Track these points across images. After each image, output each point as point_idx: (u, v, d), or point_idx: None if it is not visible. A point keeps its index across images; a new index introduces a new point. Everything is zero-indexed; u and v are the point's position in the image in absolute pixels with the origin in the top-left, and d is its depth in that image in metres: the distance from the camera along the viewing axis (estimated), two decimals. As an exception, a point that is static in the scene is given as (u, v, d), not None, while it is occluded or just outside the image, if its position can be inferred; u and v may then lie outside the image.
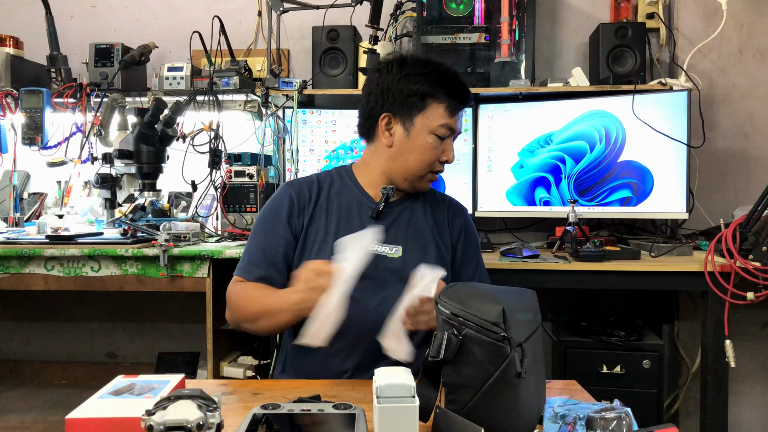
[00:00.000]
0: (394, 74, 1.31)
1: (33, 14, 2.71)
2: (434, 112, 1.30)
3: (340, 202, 1.35)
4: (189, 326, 2.79)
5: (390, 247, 1.31)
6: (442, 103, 1.30)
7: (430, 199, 1.42)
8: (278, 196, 1.36)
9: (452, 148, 1.34)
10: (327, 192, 1.36)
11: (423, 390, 0.84)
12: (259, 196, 2.26)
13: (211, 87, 2.29)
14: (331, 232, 1.30)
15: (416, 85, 1.29)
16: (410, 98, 1.29)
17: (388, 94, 1.31)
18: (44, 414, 2.55)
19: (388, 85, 1.31)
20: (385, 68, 1.33)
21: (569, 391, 1.03)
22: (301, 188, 1.36)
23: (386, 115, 1.32)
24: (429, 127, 1.30)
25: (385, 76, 1.32)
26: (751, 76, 2.50)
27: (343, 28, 2.41)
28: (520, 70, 2.33)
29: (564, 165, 2.29)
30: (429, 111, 1.30)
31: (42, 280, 1.99)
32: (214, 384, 1.11)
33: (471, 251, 1.43)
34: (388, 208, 1.35)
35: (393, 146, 1.33)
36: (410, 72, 1.30)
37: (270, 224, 1.33)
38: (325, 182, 1.38)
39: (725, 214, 2.31)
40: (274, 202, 1.36)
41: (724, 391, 1.91)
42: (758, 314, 2.47)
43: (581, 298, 2.55)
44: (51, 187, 2.62)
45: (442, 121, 1.30)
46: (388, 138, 1.33)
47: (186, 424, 0.66)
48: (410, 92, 1.29)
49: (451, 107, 1.30)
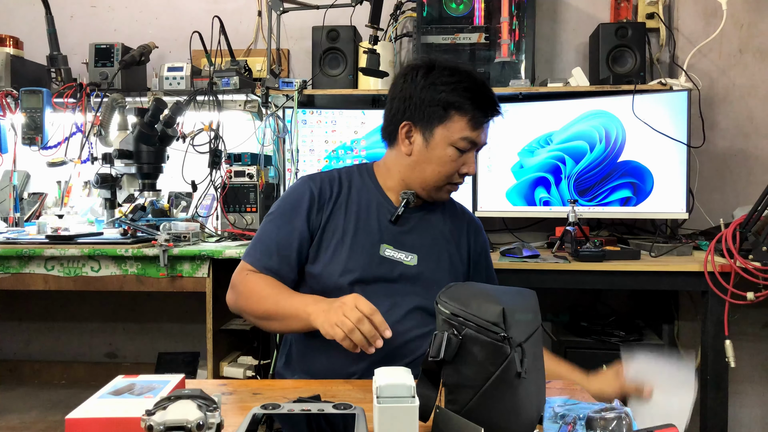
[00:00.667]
0: (419, 81, 1.27)
1: (33, 14, 2.71)
2: (456, 124, 1.26)
3: (360, 201, 1.33)
4: (189, 326, 2.79)
5: (406, 254, 1.30)
6: (465, 116, 1.26)
7: (449, 210, 1.42)
8: (299, 188, 1.33)
9: (474, 161, 1.31)
10: (348, 189, 1.34)
11: (423, 390, 0.83)
12: (259, 196, 2.26)
13: (211, 87, 2.29)
14: (349, 231, 1.29)
15: (440, 94, 1.25)
16: (432, 108, 1.26)
17: (411, 102, 1.28)
18: (44, 414, 2.55)
19: (411, 92, 1.28)
20: (411, 74, 1.29)
21: (569, 391, 1.03)
22: (323, 183, 1.33)
23: (407, 123, 1.29)
24: (449, 139, 1.27)
25: (409, 82, 1.28)
26: (751, 76, 2.50)
27: (343, 28, 2.41)
28: (520, 70, 2.33)
29: (564, 165, 2.29)
30: (451, 123, 1.26)
31: (42, 280, 1.99)
32: (214, 384, 1.11)
33: (484, 265, 1.45)
34: (407, 214, 1.33)
35: (412, 155, 1.30)
36: (435, 81, 1.26)
37: (288, 216, 1.30)
38: (346, 179, 1.36)
39: (725, 214, 2.31)
40: (294, 194, 1.33)
41: (724, 391, 1.90)
42: (758, 314, 2.47)
43: (581, 298, 2.55)
44: (51, 187, 2.62)
45: (464, 134, 1.26)
46: (407, 146, 1.31)
47: (186, 424, 0.66)
48: (432, 102, 1.26)
49: (474, 120, 1.26)
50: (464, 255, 1.39)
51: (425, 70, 1.28)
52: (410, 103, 1.28)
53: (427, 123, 1.27)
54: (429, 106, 1.26)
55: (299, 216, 1.29)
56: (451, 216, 1.41)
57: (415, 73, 1.29)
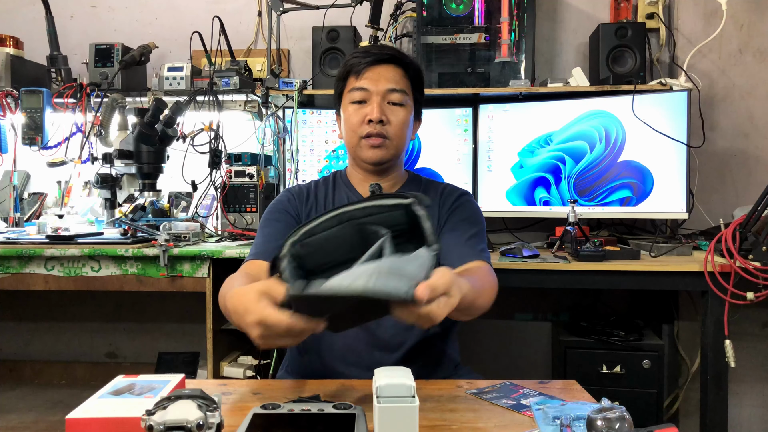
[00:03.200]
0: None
1: (33, 14, 2.72)
2: (348, 85, 1.34)
3: (335, 204, 1.36)
4: (189, 326, 2.79)
5: None
6: (352, 72, 1.32)
7: (426, 193, 1.38)
8: (279, 198, 1.39)
9: (377, 106, 1.29)
10: (324, 195, 1.38)
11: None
12: (259, 196, 2.26)
13: (211, 87, 2.30)
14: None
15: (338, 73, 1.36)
16: (338, 88, 1.36)
17: (335, 97, 1.39)
18: (44, 414, 2.55)
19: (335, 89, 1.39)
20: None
21: (569, 391, 1.03)
22: (300, 190, 1.39)
23: (337, 115, 1.40)
24: (347, 99, 1.33)
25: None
26: (751, 76, 2.51)
27: (343, 28, 2.41)
28: (520, 70, 2.33)
29: (564, 165, 2.29)
30: (346, 86, 1.34)
31: (42, 280, 1.99)
32: (214, 384, 1.11)
33: (455, 222, 1.32)
34: None
35: (342, 136, 1.39)
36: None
37: (274, 219, 1.33)
38: (322, 186, 1.40)
39: (725, 214, 2.31)
40: (275, 203, 1.38)
41: (724, 391, 1.91)
42: (758, 314, 2.47)
43: (581, 298, 2.55)
44: (51, 187, 2.63)
45: (351, 86, 1.32)
46: (339, 133, 1.40)
47: (186, 424, 0.66)
48: (336, 83, 1.37)
49: (356, 70, 1.32)
50: (439, 227, 1.33)
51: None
52: (335, 98, 1.40)
53: (338, 101, 1.38)
54: (336, 89, 1.38)
55: (284, 213, 1.34)
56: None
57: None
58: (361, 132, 1.31)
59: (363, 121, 1.30)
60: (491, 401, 0.97)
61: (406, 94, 1.33)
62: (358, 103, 1.31)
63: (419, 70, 1.37)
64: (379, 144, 1.30)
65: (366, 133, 1.30)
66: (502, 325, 2.65)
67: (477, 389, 1.04)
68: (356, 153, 1.34)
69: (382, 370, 0.81)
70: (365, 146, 1.32)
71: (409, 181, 1.41)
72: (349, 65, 1.33)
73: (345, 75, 1.34)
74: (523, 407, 0.94)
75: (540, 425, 0.85)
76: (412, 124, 1.39)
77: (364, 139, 1.31)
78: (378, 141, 1.30)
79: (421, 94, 1.39)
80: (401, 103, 1.32)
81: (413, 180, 1.42)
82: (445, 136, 2.38)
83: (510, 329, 2.65)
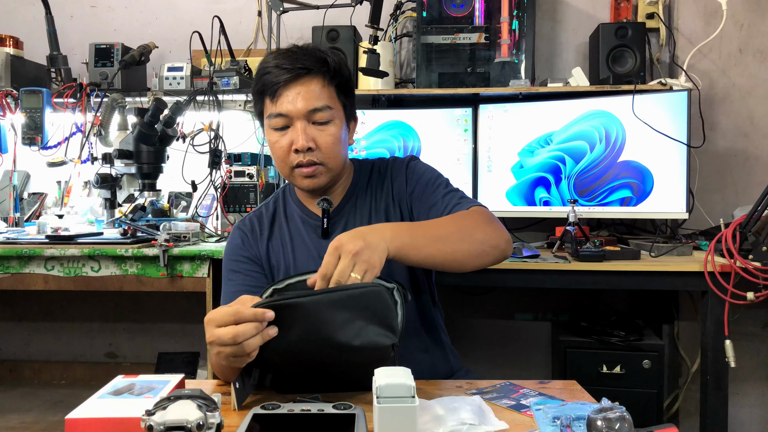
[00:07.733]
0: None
1: (33, 14, 2.72)
2: (266, 109, 1.19)
3: (289, 226, 1.29)
4: (189, 326, 2.79)
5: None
6: (266, 93, 1.18)
7: (374, 182, 1.30)
8: (231, 241, 1.30)
9: (301, 133, 1.15)
10: (274, 220, 1.31)
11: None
12: (259, 196, 2.26)
13: (211, 87, 2.30)
14: (289, 259, 1.26)
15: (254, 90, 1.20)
16: (255, 105, 1.23)
17: (256, 114, 1.25)
18: (44, 414, 2.55)
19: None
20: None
21: (569, 391, 1.03)
22: (252, 224, 1.30)
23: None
24: (267, 124, 1.20)
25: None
26: (751, 76, 2.50)
27: (343, 28, 2.41)
28: (520, 70, 2.33)
29: (564, 165, 2.29)
30: (264, 109, 1.20)
31: (42, 280, 1.99)
32: (214, 384, 1.11)
33: (420, 192, 1.26)
34: (335, 218, 1.26)
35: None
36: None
37: (234, 267, 1.26)
38: (271, 210, 1.32)
39: (725, 214, 2.31)
40: (229, 248, 1.30)
41: (724, 391, 1.90)
42: (758, 314, 2.47)
43: (581, 298, 2.55)
44: (51, 187, 2.62)
45: (269, 112, 1.18)
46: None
47: (186, 424, 0.66)
48: (253, 98, 1.23)
49: (271, 92, 1.16)
50: (400, 208, 1.28)
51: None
52: (256, 115, 1.26)
53: (260, 119, 1.24)
54: (255, 106, 1.24)
55: (242, 263, 1.26)
56: (376, 185, 1.30)
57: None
58: (291, 162, 1.19)
59: (290, 150, 1.18)
60: (491, 401, 0.97)
61: (331, 108, 1.18)
62: (281, 130, 1.18)
63: (340, 70, 1.21)
64: (312, 173, 1.19)
65: (296, 163, 1.18)
66: (502, 325, 2.65)
67: (477, 389, 1.04)
68: (292, 182, 1.25)
69: (382, 370, 0.81)
70: (298, 176, 1.21)
71: (355, 176, 1.32)
72: (262, 85, 1.18)
73: (260, 92, 1.19)
74: (523, 407, 0.94)
75: (540, 425, 0.85)
76: (347, 133, 1.26)
77: (296, 168, 1.19)
78: (310, 170, 1.19)
79: (350, 96, 1.25)
80: (327, 121, 1.18)
81: (359, 171, 1.32)
82: (445, 136, 2.38)
83: (510, 329, 2.65)
